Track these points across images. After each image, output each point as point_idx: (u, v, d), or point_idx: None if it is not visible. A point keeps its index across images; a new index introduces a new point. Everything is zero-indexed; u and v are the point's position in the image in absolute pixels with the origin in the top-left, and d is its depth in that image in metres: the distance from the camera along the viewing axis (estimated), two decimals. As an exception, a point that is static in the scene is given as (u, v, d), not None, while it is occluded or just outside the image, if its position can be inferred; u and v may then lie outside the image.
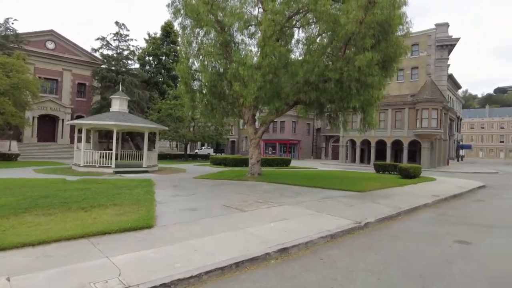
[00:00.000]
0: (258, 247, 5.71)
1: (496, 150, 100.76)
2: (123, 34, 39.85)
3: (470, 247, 6.58)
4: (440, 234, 7.56)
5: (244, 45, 17.69)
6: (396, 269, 5.20)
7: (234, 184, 14.83)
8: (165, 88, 40.67)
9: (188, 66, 17.94)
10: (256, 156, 18.22)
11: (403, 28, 14.41)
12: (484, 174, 29.34)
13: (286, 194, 12.13)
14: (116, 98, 21.27)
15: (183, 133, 35.04)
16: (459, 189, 15.63)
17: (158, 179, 15.96)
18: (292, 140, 53.17)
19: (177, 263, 4.81)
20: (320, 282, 4.61)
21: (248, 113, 18.14)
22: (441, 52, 40.81)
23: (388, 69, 15.43)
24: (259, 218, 8.05)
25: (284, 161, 30.78)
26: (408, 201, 11.59)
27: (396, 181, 17.96)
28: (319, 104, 16.88)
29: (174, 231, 6.59)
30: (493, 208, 11.68)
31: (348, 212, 9.12)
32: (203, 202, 10.05)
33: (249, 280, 4.64)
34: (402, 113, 38.26)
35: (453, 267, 5.41)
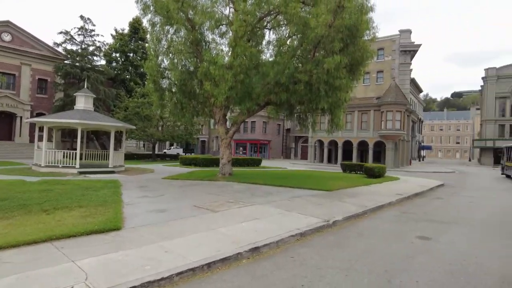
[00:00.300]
0: (230, 247, 5.72)
1: (453, 150, 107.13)
2: (88, 29, 38.30)
3: (430, 243, 6.97)
4: (403, 231, 7.94)
5: (215, 44, 17.58)
6: (363, 266, 5.41)
7: (204, 185, 14.71)
8: (133, 86, 39.52)
9: (157, 64, 17.55)
10: (227, 156, 18.19)
11: (370, 33, 14.94)
12: (443, 174, 31.10)
13: (257, 194, 12.21)
14: (80, 95, 20.38)
15: (151, 133, 34.20)
16: (420, 188, 16.46)
17: (125, 180, 15.51)
18: (262, 140, 53.54)
19: (147, 265, 4.72)
20: (290, 280, 4.70)
21: (219, 113, 18.05)
22: (405, 57, 42.80)
23: (355, 72, 15.95)
24: (231, 218, 8.05)
25: (254, 161, 30.94)
26: (373, 199, 12.06)
27: (362, 181, 18.60)
28: (289, 105, 17.14)
29: (143, 233, 6.44)
30: (451, 205, 12.41)
31: (317, 211, 9.34)
32: (172, 203, 9.90)
33: (221, 280, 4.65)
34: (368, 115, 39.67)
35: (415, 261, 5.72)
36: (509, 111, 55.22)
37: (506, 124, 55.22)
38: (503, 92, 55.48)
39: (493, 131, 55.93)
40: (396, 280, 4.81)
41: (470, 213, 10.83)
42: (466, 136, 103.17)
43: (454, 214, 10.45)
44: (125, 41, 44.68)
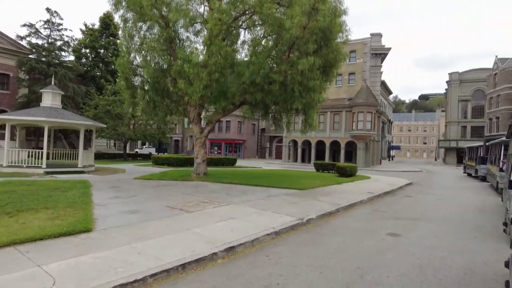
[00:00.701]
0: (205, 247, 5.67)
1: (420, 150, 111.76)
2: (55, 23, 36.57)
3: (400, 239, 7.24)
4: (374, 228, 8.20)
5: (189, 42, 17.37)
6: (337, 263, 5.54)
7: (178, 185, 14.49)
8: (103, 83, 38.17)
9: (129, 61, 17.09)
10: (202, 156, 18.01)
11: (342, 35, 15.27)
12: (411, 173, 32.38)
13: (232, 194, 12.18)
14: (47, 92, 19.46)
15: (123, 131, 33.23)
16: (390, 187, 17.06)
17: (96, 180, 15.00)
18: (237, 140, 53.47)
19: (119, 267, 4.58)
20: (266, 279, 4.73)
21: (193, 112, 17.83)
22: (375, 59, 44.13)
23: (328, 73, 16.25)
24: (206, 218, 7.99)
25: (229, 160, 30.84)
26: (346, 198, 12.36)
27: (334, 179, 19.02)
28: (265, 105, 17.22)
29: (115, 234, 6.26)
30: (419, 203, 12.95)
31: (291, 210, 9.46)
32: (145, 203, 9.68)
33: (196, 280, 4.60)
34: (340, 116, 40.59)
35: (386, 257, 5.92)
36: (470, 113, 58.40)
37: (467, 126, 58.36)
38: (465, 95, 58.59)
39: (456, 132, 58.97)
40: (368, 276, 4.96)
41: (436, 210, 11.34)
42: (433, 137, 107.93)
43: (421, 212, 10.91)
44: (95, 36, 43.06)
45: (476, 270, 5.41)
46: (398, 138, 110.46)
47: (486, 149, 23.51)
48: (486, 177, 22.35)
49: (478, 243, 7.11)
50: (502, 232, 7.71)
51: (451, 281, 4.88)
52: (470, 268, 5.49)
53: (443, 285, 4.70)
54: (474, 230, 8.42)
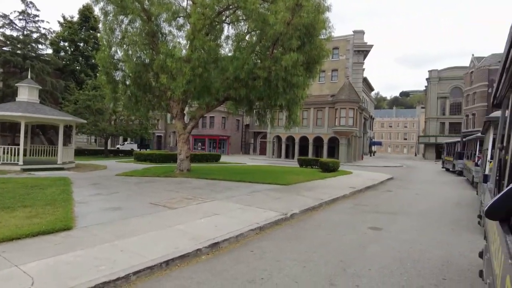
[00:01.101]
0: (189, 244, 5.64)
1: (401, 146, 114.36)
2: (31, 14, 35.30)
3: (381, 232, 7.41)
4: (356, 222, 8.35)
5: (172, 36, 17.13)
6: (320, 256, 5.62)
7: (161, 181, 14.32)
8: (83, 77, 37.22)
9: (110, 55, 16.70)
10: (185, 152, 17.84)
11: (326, 32, 15.36)
12: (392, 168, 33.11)
13: (217, 190, 12.15)
14: (24, 86, 18.77)
15: (103, 127, 32.48)
16: (372, 181, 17.40)
17: (76, 177, 14.64)
18: (221, 136, 53.23)
19: (101, 265, 4.50)
20: (250, 274, 4.75)
21: (176, 107, 17.61)
22: (358, 56, 44.73)
23: (311, 70, 16.33)
24: (189, 214, 7.94)
25: (213, 156, 30.69)
26: (329, 193, 12.54)
27: (318, 175, 19.25)
28: (249, 101, 17.18)
29: (97, 232, 6.13)
30: (399, 197, 13.27)
31: (275, 205, 9.51)
32: (128, 200, 9.53)
33: (180, 277, 4.58)
34: (323, 112, 41.01)
35: (368, 250, 6.05)
36: (448, 110, 60.16)
37: (446, 122, 60.14)
38: (443, 92, 60.27)
39: (435, 128, 60.67)
40: (350, 269, 5.05)
41: (415, 204, 11.65)
42: (413, 133, 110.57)
43: (402, 206, 11.18)
44: (74, 29, 41.73)
45: (453, 261, 5.61)
46: (379, 134, 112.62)
47: (463, 144, 24.28)
48: (463, 171, 23.10)
49: (455, 236, 7.36)
50: (477, 224, 8.02)
51: (429, 272, 5.04)
52: (447, 259, 5.68)
53: (422, 276, 4.85)
54: (452, 223, 8.71)
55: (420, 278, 4.80)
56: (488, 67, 47.67)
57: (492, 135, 9.37)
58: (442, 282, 4.67)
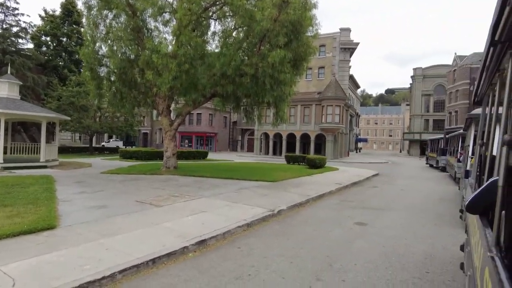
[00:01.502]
0: (176, 242, 5.60)
1: (386, 142, 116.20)
2: (10, 7, 34.26)
3: (366, 228, 7.52)
4: (342, 218, 8.46)
5: (158, 32, 16.91)
6: (306, 252, 5.67)
7: (147, 179, 14.16)
8: (67, 73, 36.36)
9: (95, 51, 16.38)
10: (172, 149, 17.67)
11: (312, 29, 15.42)
12: (377, 164, 33.62)
13: (204, 187, 12.09)
14: (3, 81, 18.18)
15: (88, 124, 31.87)
16: (357, 177, 17.63)
17: (60, 175, 14.34)
18: (209, 133, 52.96)
19: (86, 265, 4.43)
20: (238, 270, 4.75)
21: (162, 104, 17.41)
22: (344, 54, 45.11)
23: (298, 67, 16.39)
24: (176, 212, 7.88)
25: (201, 153, 30.51)
26: (315, 189, 12.64)
27: (305, 171, 19.39)
28: (236, 97, 17.13)
29: (82, 231, 6.02)
30: (385, 193, 13.49)
31: (263, 201, 9.54)
32: (113, 198, 9.39)
33: (167, 275, 4.54)
34: (310, 109, 41.26)
35: (354, 246, 6.13)
36: (432, 107, 61.38)
37: (430, 119, 61.36)
38: (428, 90, 61.44)
39: (419, 125, 61.84)
40: (337, 264, 5.12)
41: (400, 200, 11.87)
42: (398, 130, 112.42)
43: (387, 201, 11.37)
44: (56, 23, 40.62)
45: (435, 254, 5.75)
46: (365, 130, 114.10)
47: (446, 141, 24.83)
48: (446, 167, 23.64)
49: (438, 230, 7.54)
50: (459, 219, 8.23)
51: (413, 266, 5.15)
52: (430, 253, 5.82)
53: (406, 270, 4.95)
54: (435, 217, 8.91)
55: (404, 272, 4.90)
56: (470, 65, 48.81)
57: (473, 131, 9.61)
58: (425, 275, 4.78)
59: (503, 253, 1.72)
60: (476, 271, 2.26)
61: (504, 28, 2.03)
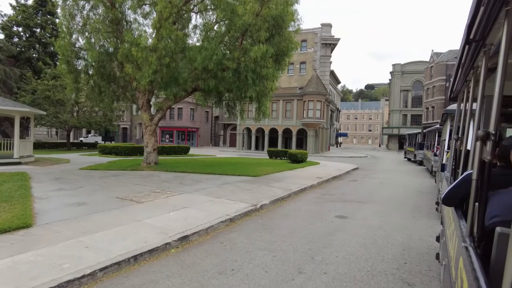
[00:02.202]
0: (157, 238, 5.55)
1: (366, 137, 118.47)
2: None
3: (347, 220, 7.67)
4: (323, 211, 8.60)
5: (137, 24, 16.52)
6: (289, 245, 5.74)
7: (128, 175, 13.91)
8: (41, 66, 34.96)
9: (71, 43, 15.84)
10: (152, 144, 17.40)
11: (294, 24, 15.45)
12: (357, 158, 34.27)
13: (186, 183, 11.99)
14: (-28, 74, 17.40)
15: (65, 119, 30.85)
16: (338, 171, 17.92)
17: (36, 172, 13.88)
18: (190, 128, 52.40)
19: (65, 263, 4.32)
20: (221, 265, 4.76)
21: (142, 98, 17.08)
22: (325, 49, 45.45)
23: (280, 62, 16.40)
24: (158, 208, 7.78)
25: (182, 149, 30.20)
26: (297, 183, 12.78)
27: (287, 166, 19.55)
28: (218, 92, 17.00)
29: (60, 229, 5.86)
30: (364, 186, 13.78)
31: (245, 196, 9.56)
32: (93, 195, 9.18)
33: (150, 271, 4.50)
34: (292, 104, 41.49)
35: (334, 238, 6.25)
36: (410, 103, 62.95)
37: (408, 114, 62.93)
38: (406, 85, 62.92)
39: (398, 120, 63.34)
40: (318, 257, 5.21)
41: (379, 193, 12.17)
42: (377, 124, 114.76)
43: (367, 194, 11.63)
44: (29, 13, 38.80)
45: (413, 245, 5.94)
46: (345, 125, 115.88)
47: (423, 136, 25.56)
48: (423, 161, 24.37)
49: (415, 222, 7.78)
50: (435, 211, 8.52)
51: (392, 257, 5.31)
52: (408, 244, 6.01)
53: (385, 261, 5.09)
54: (413, 210, 9.20)
55: (383, 263, 5.04)
56: (446, 62, 50.26)
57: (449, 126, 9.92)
58: (403, 266, 4.94)
59: (476, 243, 1.80)
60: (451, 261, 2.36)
61: (479, 27, 2.10)
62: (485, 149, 1.82)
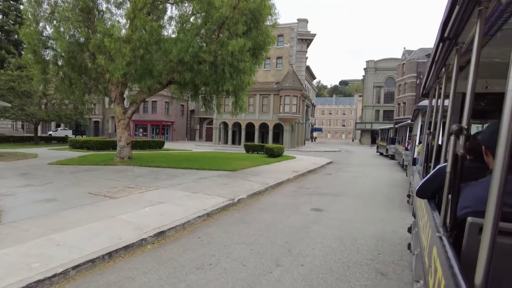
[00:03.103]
0: (133, 234, 5.43)
1: (339, 132, 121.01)
2: None
3: (323, 213, 7.82)
4: (300, 204, 8.72)
5: (110, 14, 15.91)
6: (266, 239, 5.78)
7: (100, 170, 13.49)
8: (4, 55, 33.05)
9: (38, 31, 15.05)
10: (126, 138, 16.93)
11: (272, 18, 15.43)
12: (331, 152, 34.94)
13: (161, 178, 11.79)
14: None
15: (32, 112, 29.36)
16: (313, 165, 18.21)
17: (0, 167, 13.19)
18: (165, 122, 51.43)
19: (34, 262, 4.14)
20: (198, 260, 4.73)
21: (115, 91, 16.54)
22: (301, 45, 45.77)
23: (258, 56, 16.35)
24: (133, 204, 7.61)
25: (156, 143, 29.59)
26: (274, 177, 12.87)
27: (263, 160, 19.64)
28: (194, 85, 16.75)
29: (28, 227, 5.60)
30: (338, 180, 14.09)
31: (222, 191, 9.53)
32: (63, 191, 8.84)
33: (125, 268, 4.40)
34: (268, 99, 41.63)
35: (311, 231, 6.36)
36: (383, 99, 64.74)
37: (380, 110, 64.71)
38: (379, 82, 64.60)
39: (371, 115, 65.03)
40: (295, 249, 5.28)
41: (353, 186, 12.48)
42: (351, 120, 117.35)
43: (341, 188, 11.90)
44: (-11, -2, 36.62)
45: (386, 237, 6.14)
46: (320, 120, 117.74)
47: (395, 131, 26.39)
48: (395, 155, 25.19)
49: (388, 214, 8.05)
50: (406, 203, 8.85)
51: (366, 248, 5.47)
52: (381, 236, 6.20)
53: (360, 253, 5.24)
54: (385, 202, 9.50)
55: (358, 254, 5.18)
56: (417, 60, 51.99)
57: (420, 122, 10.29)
58: (377, 257, 5.10)
59: (449, 233, 1.88)
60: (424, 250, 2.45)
61: (453, 26, 2.18)
62: (458, 143, 1.90)
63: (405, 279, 4.33)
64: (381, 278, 4.34)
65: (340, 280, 4.25)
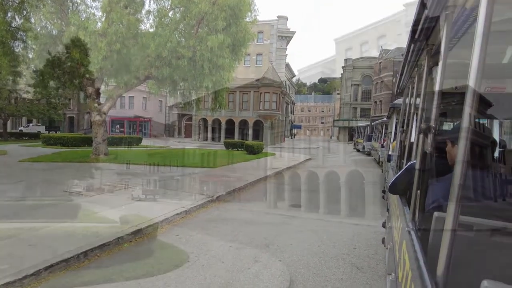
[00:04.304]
0: (109, 232, 5.31)
1: (318, 129, 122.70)
2: None
3: (301, 209, 7.95)
4: (279, 200, 8.82)
5: (85, 6, 15.44)
6: (245, 235, 5.81)
7: (75, 167, 13.11)
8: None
9: (6, 21, 14.35)
10: (102, 135, 16.50)
11: (251, 15, 15.46)
12: (310, 149, 35.38)
13: (138, 175, 11.58)
14: None
15: (1, 106, 28.15)
16: (293, 162, 18.41)
17: (-35, 164, 12.57)
18: (142, 118, 50.38)
19: (3, 265, 3.98)
20: (176, 258, 4.71)
21: (91, 86, 16.06)
22: (281, 42, 46.00)
23: (237, 53, 16.33)
24: (109, 201, 7.44)
25: (134, 139, 29.01)
26: (254, 174, 12.92)
27: (243, 157, 19.66)
28: (172, 81, 16.51)
29: (-3, 226, 5.39)
30: (317, 176, 14.30)
31: (201, 188, 9.48)
32: (36, 189, 8.58)
33: (102, 267, 4.32)
34: (248, 96, 41.60)
35: (289, 227, 6.45)
36: (360, 97, 66.06)
37: (358, 107, 66.01)
38: (356, 80, 65.82)
39: (348, 113, 66.24)
40: (273, 245, 5.34)
41: (331, 182, 12.71)
42: (329, 117, 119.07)
43: (319, 183, 12.10)
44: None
45: (361, 231, 6.31)
46: (299, 118, 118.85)
47: (371, 128, 27.03)
48: (371, 152, 25.81)
49: (363, 209, 8.27)
50: (382, 199, 9.12)
51: (343, 243, 5.61)
52: (357, 230, 6.37)
53: (337, 247, 5.36)
54: (361, 198, 9.76)
55: (335, 248, 5.30)
56: (393, 59, 53.28)
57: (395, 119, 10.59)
58: (352, 251, 5.24)
59: (418, 228, 1.96)
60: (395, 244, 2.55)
61: (422, 28, 2.26)
62: (427, 141, 1.98)
63: (379, 272, 4.47)
64: (356, 272, 4.47)
65: (317, 274, 4.34)
